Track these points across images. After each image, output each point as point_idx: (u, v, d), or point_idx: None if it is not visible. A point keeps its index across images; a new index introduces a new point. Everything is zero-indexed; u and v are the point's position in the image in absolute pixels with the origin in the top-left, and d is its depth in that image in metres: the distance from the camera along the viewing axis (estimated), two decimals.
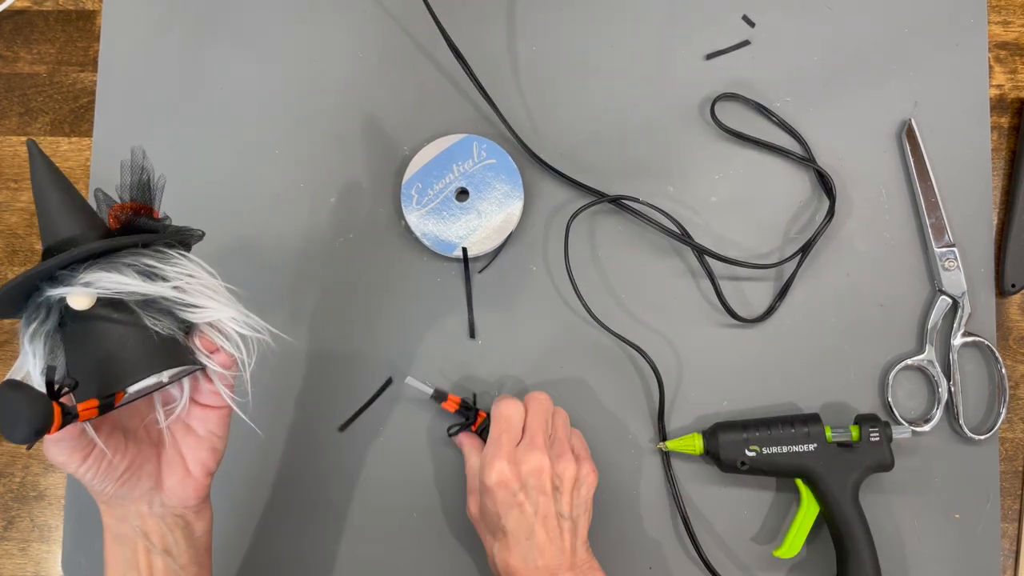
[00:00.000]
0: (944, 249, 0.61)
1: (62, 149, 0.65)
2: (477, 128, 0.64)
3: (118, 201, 0.43)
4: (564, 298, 0.62)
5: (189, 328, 0.44)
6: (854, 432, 0.57)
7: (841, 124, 0.64)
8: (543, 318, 0.62)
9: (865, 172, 0.63)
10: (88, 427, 0.42)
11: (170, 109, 0.65)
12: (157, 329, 0.41)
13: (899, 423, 0.59)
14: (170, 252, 0.43)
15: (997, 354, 0.60)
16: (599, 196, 0.62)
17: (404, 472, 0.61)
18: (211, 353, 0.44)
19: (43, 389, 0.37)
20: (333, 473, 0.61)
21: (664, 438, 0.60)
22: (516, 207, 0.61)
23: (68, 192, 0.42)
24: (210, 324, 0.44)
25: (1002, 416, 0.60)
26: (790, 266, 0.62)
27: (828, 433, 0.57)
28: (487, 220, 0.61)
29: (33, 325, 0.40)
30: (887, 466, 0.56)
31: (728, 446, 0.57)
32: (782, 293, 0.62)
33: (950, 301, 0.61)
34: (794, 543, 0.57)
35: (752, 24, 0.65)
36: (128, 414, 0.46)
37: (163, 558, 0.45)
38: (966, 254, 0.62)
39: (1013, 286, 0.61)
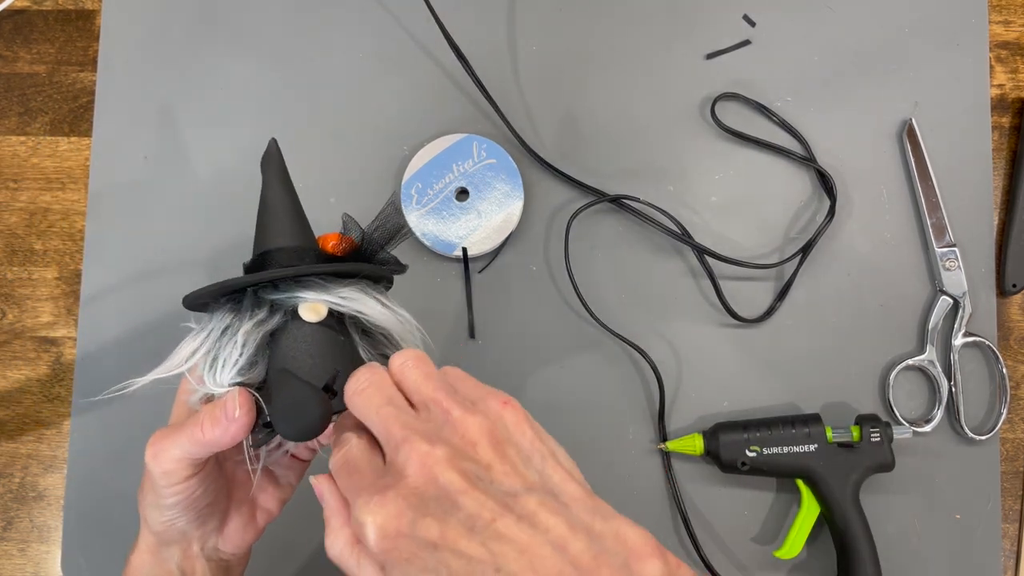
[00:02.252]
0: (945, 249, 0.61)
1: (61, 149, 0.65)
2: (477, 128, 0.64)
3: (362, 229, 0.42)
4: (564, 298, 0.62)
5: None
6: (855, 432, 0.57)
7: (842, 124, 0.64)
8: (543, 318, 0.62)
9: (866, 172, 0.63)
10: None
11: (170, 109, 0.65)
12: (370, 359, 0.40)
13: (900, 423, 0.59)
14: (388, 295, 0.42)
15: (998, 354, 0.60)
16: (599, 196, 0.62)
17: None
18: None
19: (231, 380, 0.37)
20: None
21: (664, 438, 0.60)
22: (516, 207, 0.61)
23: (297, 203, 0.41)
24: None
25: (1003, 416, 0.60)
26: (790, 266, 0.62)
27: (829, 433, 0.56)
28: (487, 220, 0.61)
29: (251, 321, 0.37)
30: (888, 466, 0.56)
31: (729, 446, 0.57)
32: (782, 293, 0.62)
33: (951, 301, 0.61)
34: (795, 544, 0.57)
35: (753, 24, 0.65)
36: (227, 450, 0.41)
37: None
38: (967, 254, 0.61)
39: (1014, 286, 0.61)
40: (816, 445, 0.56)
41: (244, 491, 0.44)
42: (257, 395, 0.37)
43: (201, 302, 0.40)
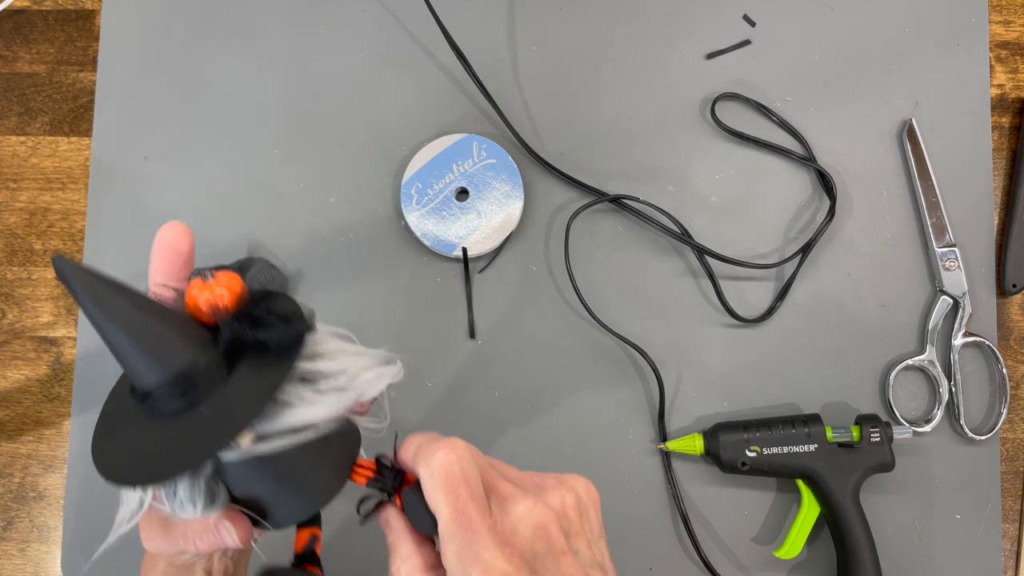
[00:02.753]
0: (945, 249, 0.61)
1: (61, 149, 0.65)
2: (477, 128, 0.64)
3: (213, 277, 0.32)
4: (564, 298, 0.62)
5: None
6: (855, 432, 0.57)
7: (842, 124, 0.64)
8: (543, 318, 0.62)
9: (866, 172, 0.63)
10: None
11: (170, 109, 0.65)
12: (332, 431, 0.33)
13: (900, 423, 0.59)
14: (310, 337, 0.34)
15: (998, 354, 0.60)
16: (599, 196, 0.62)
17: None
18: (360, 415, 0.38)
19: (201, 515, 0.32)
20: None
21: (664, 439, 0.60)
22: (516, 207, 0.61)
23: (143, 300, 0.30)
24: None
25: (1003, 416, 0.60)
26: (790, 266, 0.62)
27: (829, 433, 0.56)
28: (487, 220, 0.61)
29: (184, 482, 0.32)
30: (888, 466, 0.56)
31: (728, 446, 0.57)
32: (783, 293, 0.62)
33: (951, 301, 0.61)
34: (795, 544, 0.56)
35: (752, 24, 0.65)
36: None
37: None
38: (967, 254, 0.61)
39: (1014, 286, 0.61)
40: (816, 445, 0.56)
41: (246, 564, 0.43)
42: (248, 512, 0.33)
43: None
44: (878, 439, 0.56)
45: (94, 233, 0.64)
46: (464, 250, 0.61)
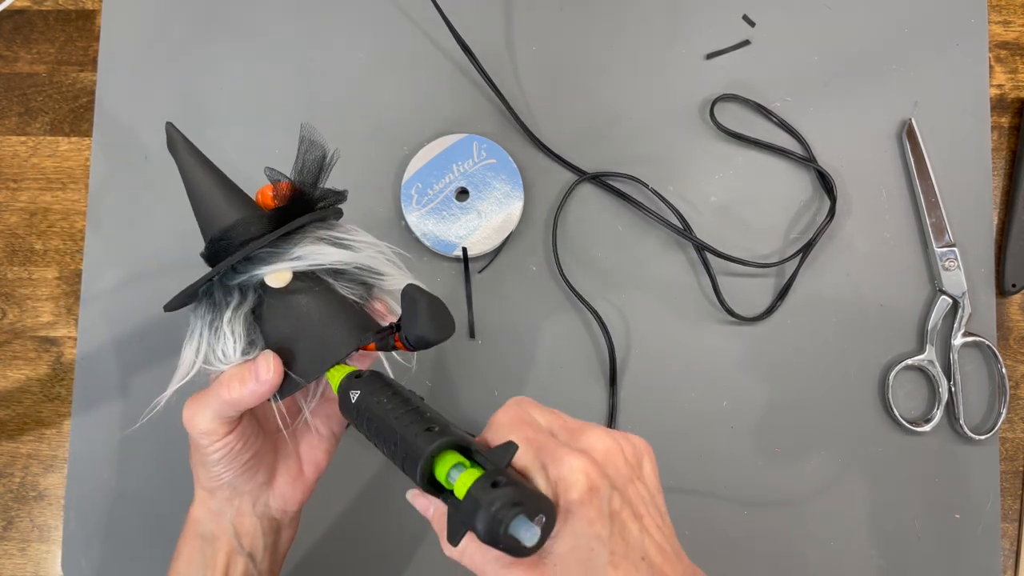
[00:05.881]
0: (944, 249, 0.61)
1: (62, 149, 0.65)
2: (477, 128, 0.64)
3: (288, 178, 0.42)
4: (565, 298, 0.62)
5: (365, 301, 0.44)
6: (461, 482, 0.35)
7: (841, 124, 0.64)
8: (543, 318, 0.62)
9: (865, 172, 0.63)
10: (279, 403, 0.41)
11: (170, 109, 0.65)
12: (354, 298, 0.41)
13: (902, 423, 0.59)
14: (343, 224, 0.43)
15: (997, 354, 0.60)
16: (600, 174, 0.62)
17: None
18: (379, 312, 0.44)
19: (239, 361, 0.39)
20: (333, 474, 0.61)
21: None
22: (516, 207, 0.61)
23: (220, 174, 0.41)
24: (388, 293, 0.44)
25: (1002, 416, 0.60)
26: (790, 266, 0.62)
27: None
28: (487, 220, 0.61)
29: (228, 310, 0.39)
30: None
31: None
32: (783, 293, 0.62)
33: (950, 301, 0.61)
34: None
35: (752, 24, 0.65)
36: (261, 405, 0.43)
37: (246, 561, 0.44)
38: (966, 254, 0.62)
39: (1013, 286, 0.61)
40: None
41: (289, 445, 0.46)
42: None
43: (181, 306, 0.42)
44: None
45: (94, 233, 0.64)
46: (464, 250, 0.61)
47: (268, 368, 0.39)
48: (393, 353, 0.42)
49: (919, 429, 0.59)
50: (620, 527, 0.33)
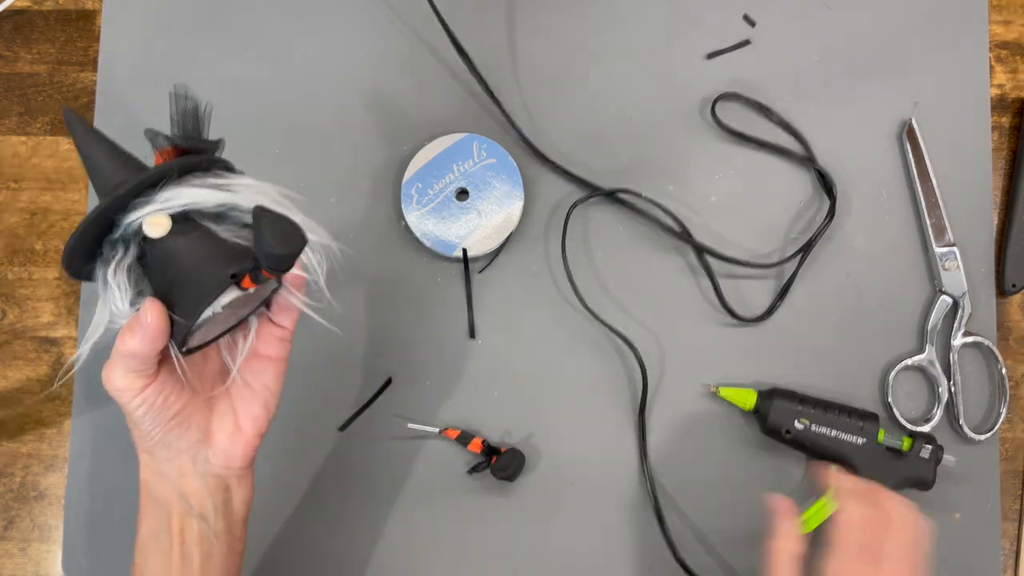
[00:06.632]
0: (944, 249, 0.61)
1: (62, 149, 0.65)
2: (477, 128, 0.64)
3: (167, 135, 0.42)
4: (565, 298, 0.62)
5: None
6: (906, 442, 0.57)
7: (841, 124, 0.64)
8: (543, 318, 0.62)
9: (865, 172, 0.63)
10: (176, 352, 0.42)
11: (170, 109, 0.65)
12: (238, 240, 0.41)
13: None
14: (229, 173, 0.43)
15: (997, 354, 0.60)
16: (597, 190, 0.62)
17: (405, 472, 0.61)
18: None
19: (130, 312, 0.40)
20: (333, 473, 0.61)
21: (644, 436, 0.60)
22: (516, 207, 0.61)
23: (112, 145, 0.42)
24: None
25: (1002, 416, 0.60)
26: (790, 266, 0.62)
27: (881, 435, 0.57)
28: (487, 220, 0.61)
29: (113, 262, 0.40)
30: (926, 485, 0.56)
31: (780, 411, 0.57)
32: (783, 293, 0.62)
33: (950, 301, 0.61)
34: (808, 523, 0.54)
35: (752, 24, 0.65)
36: (185, 361, 0.44)
37: (199, 523, 0.44)
38: (966, 254, 0.61)
39: (1014, 286, 0.61)
40: (865, 440, 0.56)
41: (225, 402, 0.46)
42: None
43: (80, 272, 0.42)
44: (927, 456, 0.56)
45: None
46: (464, 250, 0.61)
47: (147, 312, 0.40)
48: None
49: (919, 429, 0.59)
50: None
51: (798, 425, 0.57)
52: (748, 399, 0.59)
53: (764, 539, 0.50)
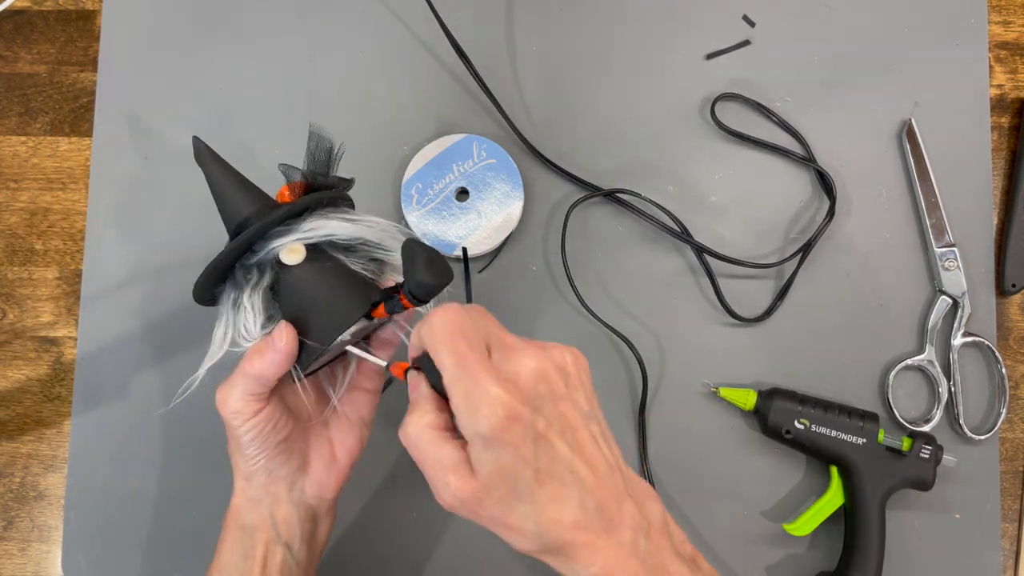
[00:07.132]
0: (944, 249, 0.61)
1: (62, 149, 0.65)
2: (477, 128, 0.64)
3: (301, 171, 0.45)
4: (564, 298, 0.62)
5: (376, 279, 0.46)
6: (905, 442, 0.57)
7: (841, 124, 0.64)
8: (543, 318, 0.62)
9: (865, 172, 0.63)
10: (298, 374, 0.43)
11: (170, 109, 0.65)
12: (366, 274, 0.44)
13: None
14: (353, 210, 0.46)
15: (997, 354, 0.60)
16: (597, 190, 0.62)
17: (405, 471, 0.61)
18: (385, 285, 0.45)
19: (259, 335, 0.42)
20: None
21: (644, 437, 0.60)
22: (516, 207, 0.61)
23: (240, 176, 0.44)
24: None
25: (1002, 416, 0.60)
26: (790, 266, 0.62)
27: (881, 435, 0.57)
28: (487, 220, 0.61)
29: (248, 286, 0.42)
30: (926, 485, 0.56)
31: (780, 411, 0.57)
32: (782, 293, 0.62)
33: (950, 301, 0.61)
34: (808, 523, 0.57)
35: (752, 24, 0.65)
36: (290, 389, 0.46)
37: (284, 551, 0.44)
38: (966, 254, 0.62)
39: (1013, 286, 0.61)
40: (865, 440, 0.56)
41: (322, 432, 0.47)
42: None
43: (208, 294, 0.44)
44: (927, 456, 0.56)
45: (94, 233, 0.64)
46: (464, 250, 0.61)
47: (282, 336, 0.41)
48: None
49: (919, 429, 0.59)
50: (546, 446, 0.35)
51: (798, 425, 0.57)
52: (748, 399, 0.59)
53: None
